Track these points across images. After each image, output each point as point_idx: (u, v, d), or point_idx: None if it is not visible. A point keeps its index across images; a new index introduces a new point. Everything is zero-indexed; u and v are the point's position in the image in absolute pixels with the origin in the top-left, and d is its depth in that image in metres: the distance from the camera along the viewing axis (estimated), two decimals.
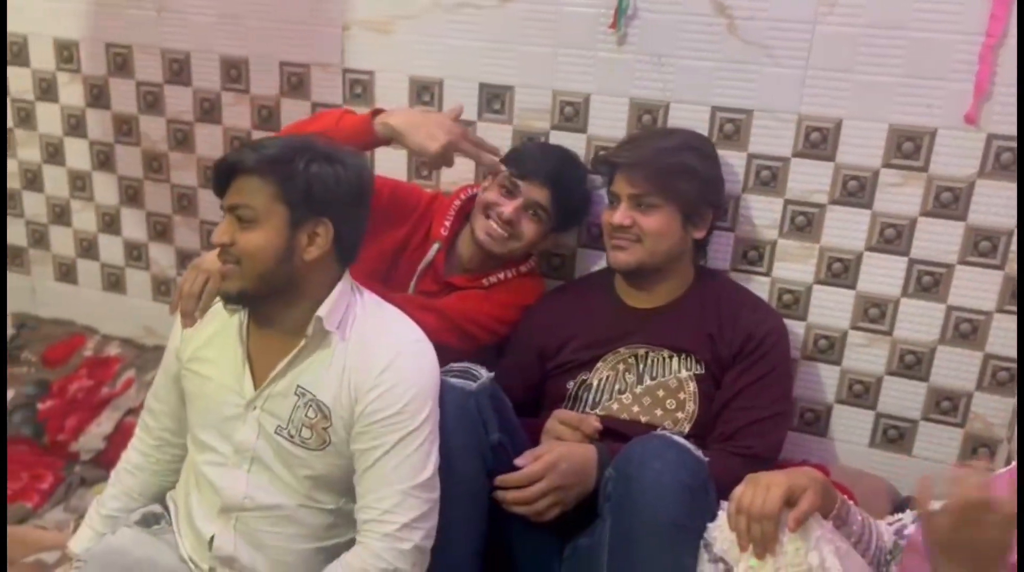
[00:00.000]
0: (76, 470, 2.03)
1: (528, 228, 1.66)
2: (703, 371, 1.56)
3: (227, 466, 1.36)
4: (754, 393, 1.52)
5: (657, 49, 1.68)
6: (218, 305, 1.36)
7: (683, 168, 1.55)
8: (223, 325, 1.37)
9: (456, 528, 1.35)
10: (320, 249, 1.28)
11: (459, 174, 1.82)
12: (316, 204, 1.26)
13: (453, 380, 1.40)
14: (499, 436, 1.42)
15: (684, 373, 1.56)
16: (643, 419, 1.55)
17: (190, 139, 2.07)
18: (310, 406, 1.31)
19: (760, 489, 1.10)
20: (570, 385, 1.61)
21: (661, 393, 1.56)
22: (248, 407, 1.34)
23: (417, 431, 1.28)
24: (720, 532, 1.17)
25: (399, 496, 1.27)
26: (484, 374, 1.43)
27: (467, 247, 1.72)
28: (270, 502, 1.34)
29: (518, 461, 1.43)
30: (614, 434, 1.52)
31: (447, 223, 1.72)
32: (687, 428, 1.54)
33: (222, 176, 1.28)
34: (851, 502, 1.18)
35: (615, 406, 1.57)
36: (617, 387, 1.58)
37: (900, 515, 1.22)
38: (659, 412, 1.56)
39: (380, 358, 1.29)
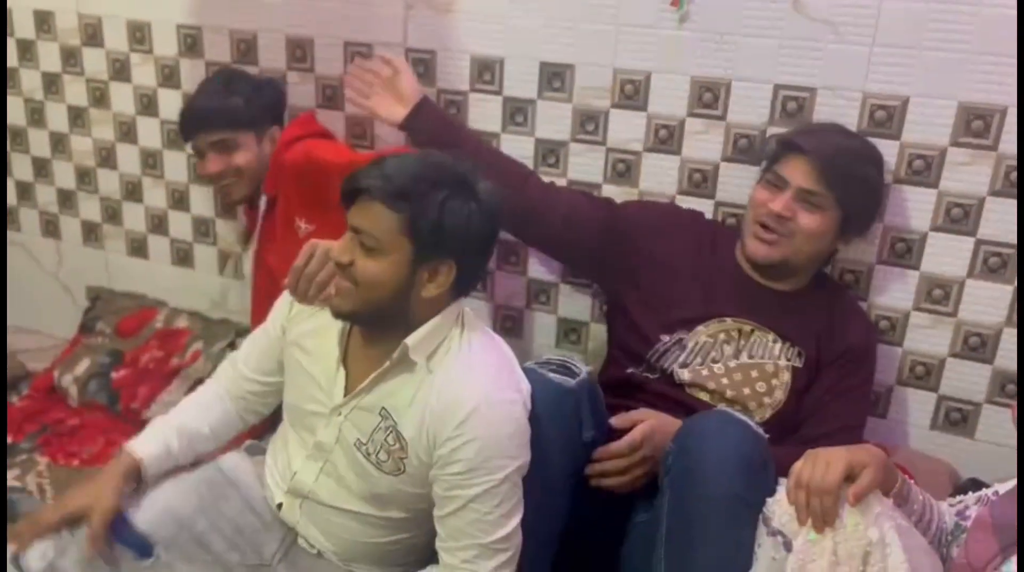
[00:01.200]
0: None
1: (239, 158, 1.84)
2: (801, 365, 1.55)
3: (306, 453, 1.38)
4: (847, 402, 1.53)
5: (720, 27, 1.66)
6: None
7: (864, 176, 1.52)
8: (328, 321, 1.33)
9: (539, 519, 1.36)
10: (440, 288, 1.25)
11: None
12: (444, 243, 1.22)
13: (551, 375, 1.38)
14: (593, 433, 1.42)
15: (783, 361, 1.55)
16: (729, 393, 1.54)
17: None
18: (391, 432, 1.28)
19: (820, 463, 1.11)
20: (665, 338, 1.58)
21: (755, 373, 1.55)
22: (333, 412, 1.33)
23: (494, 490, 1.22)
24: (779, 506, 1.17)
25: (479, 549, 1.24)
26: (583, 370, 1.42)
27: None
28: (334, 503, 1.36)
29: (613, 421, 1.45)
30: (686, 405, 1.52)
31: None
32: (768, 414, 1.53)
33: (351, 193, 1.24)
34: (912, 482, 1.18)
35: (704, 372, 1.55)
36: (712, 355, 1.56)
37: (962, 497, 1.22)
38: (747, 391, 1.54)
39: (461, 408, 1.22)
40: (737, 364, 1.55)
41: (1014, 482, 1.14)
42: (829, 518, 1.10)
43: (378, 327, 1.29)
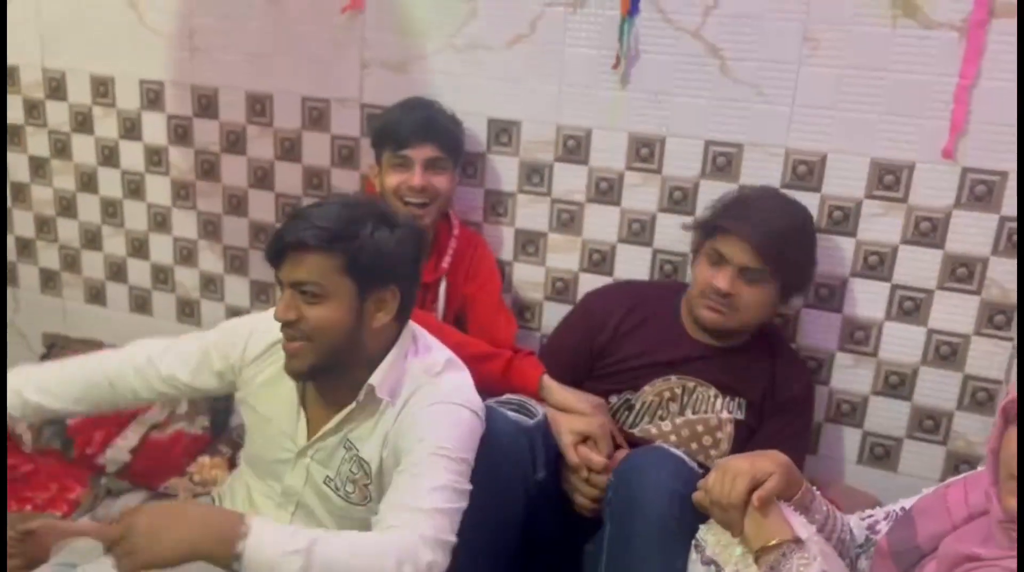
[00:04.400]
0: (102, 482, 2.12)
1: (440, 182, 1.78)
2: (743, 417, 1.64)
3: (275, 502, 1.38)
4: (788, 449, 1.58)
5: (655, 87, 1.79)
6: (277, 347, 1.34)
7: (797, 246, 1.58)
8: (281, 368, 1.33)
9: (489, 552, 1.41)
10: (389, 314, 1.29)
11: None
12: (384, 272, 1.26)
13: (510, 413, 1.45)
14: (544, 474, 1.48)
15: (725, 414, 1.63)
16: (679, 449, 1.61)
17: (216, 169, 2.19)
18: (354, 461, 1.31)
19: (728, 478, 1.19)
20: (613, 400, 1.66)
21: (700, 428, 1.63)
22: (299, 455, 1.35)
23: (434, 457, 1.20)
24: (711, 535, 1.24)
25: (413, 513, 1.16)
26: (540, 412, 1.49)
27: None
28: None
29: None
30: None
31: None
32: None
33: (281, 250, 1.25)
34: (817, 492, 1.25)
35: (653, 430, 1.64)
36: (659, 413, 1.64)
37: (871, 512, 1.29)
38: (695, 445, 1.63)
39: (422, 413, 1.27)
40: (683, 420, 1.64)
41: (916, 498, 1.23)
42: (735, 529, 1.18)
43: (335, 374, 1.30)
